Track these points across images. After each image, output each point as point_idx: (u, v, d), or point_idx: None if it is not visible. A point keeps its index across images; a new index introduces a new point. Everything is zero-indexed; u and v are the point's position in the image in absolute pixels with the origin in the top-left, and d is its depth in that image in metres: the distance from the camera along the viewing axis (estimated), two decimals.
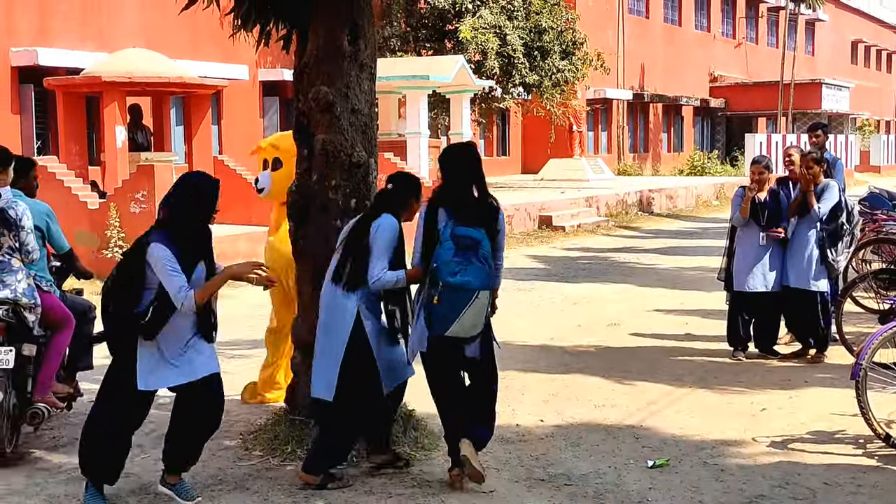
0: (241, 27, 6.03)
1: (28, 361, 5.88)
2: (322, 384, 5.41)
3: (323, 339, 5.48)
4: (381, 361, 5.42)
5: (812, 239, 8.36)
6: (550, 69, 25.17)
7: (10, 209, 5.90)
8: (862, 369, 6.01)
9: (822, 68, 53.16)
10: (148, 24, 19.85)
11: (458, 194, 5.47)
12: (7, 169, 6.16)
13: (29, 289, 5.87)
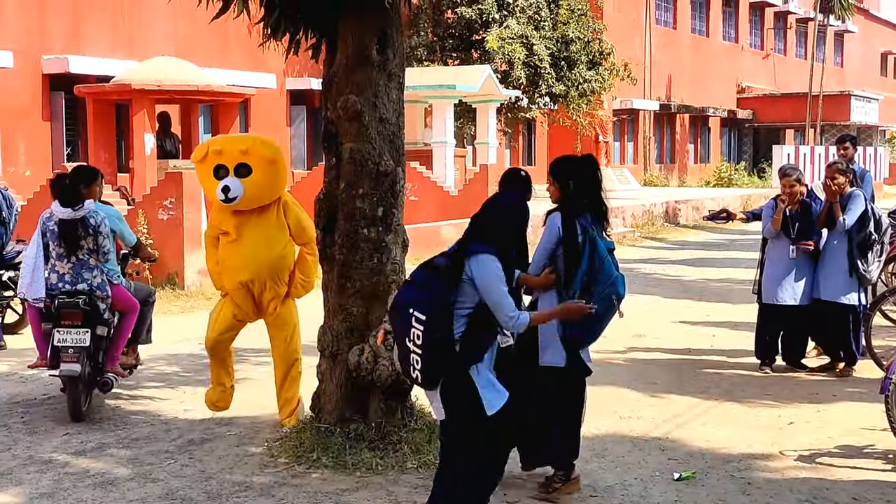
0: (270, 36, 6.07)
1: (100, 340, 7.08)
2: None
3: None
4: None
5: (842, 251, 8.29)
6: (577, 79, 25.15)
7: (91, 217, 7.01)
8: (892, 383, 5.95)
9: (850, 80, 52.81)
10: (177, 33, 20.02)
11: (596, 205, 5.40)
12: (93, 185, 7.40)
13: (102, 283, 7.03)
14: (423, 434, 6.06)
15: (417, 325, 4.28)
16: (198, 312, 11.46)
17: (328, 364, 6.16)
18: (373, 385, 5.92)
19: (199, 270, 12.43)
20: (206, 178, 6.55)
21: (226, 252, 6.60)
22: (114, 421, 6.92)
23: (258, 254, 6.49)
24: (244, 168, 6.42)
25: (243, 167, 6.41)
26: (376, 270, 6.04)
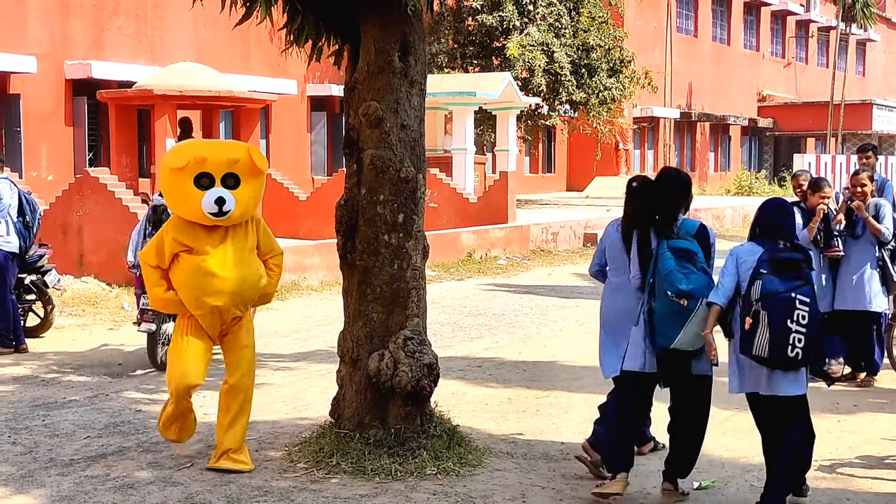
0: (293, 42, 6.10)
1: None
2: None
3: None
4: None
5: (869, 259, 8.23)
6: (597, 87, 25.15)
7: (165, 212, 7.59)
8: None
9: (872, 89, 52.55)
10: (199, 39, 20.14)
11: (666, 215, 5.54)
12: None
13: None
14: (443, 440, 6.06)
15: (802, 307, 4.97)
16: None
17: (348, 370, 6.17)
18: (392, 391, 5.93)
19: None
20: (183, 186, 5.72)
21: (193, 273, 5.75)
22: (134, 425, 6.95)
23: (240, 275, 5.83)
24: (232, 179, 5.76)
25: (231, 178, 5.76)
26: (396, 276, 6.05)
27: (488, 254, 17.25)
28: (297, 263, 13.63)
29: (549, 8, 24.50)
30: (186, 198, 5.71)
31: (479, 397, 7.86)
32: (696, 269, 5.34)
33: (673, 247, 5.39)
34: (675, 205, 5.57)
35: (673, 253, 5.37)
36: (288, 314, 11.90)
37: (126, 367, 8.85)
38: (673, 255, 5.36)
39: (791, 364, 5.08)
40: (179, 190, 5.75)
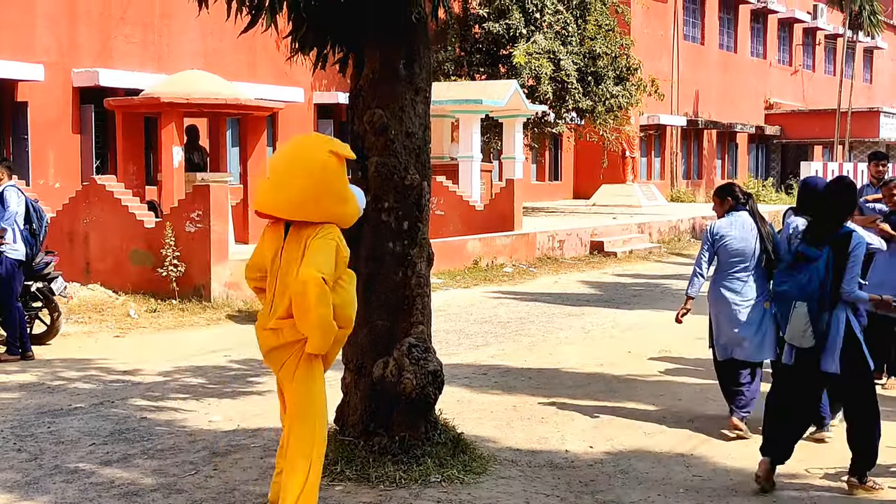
0: (298, 50, 6.12)
1: None
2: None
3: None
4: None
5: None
6: (604, 94, 25.15)
7: None
8: None
9: (880, 96, 52.47)
10: (206, 47, 20.20)
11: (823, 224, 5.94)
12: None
13: None
14: (447, 448, 6.05)
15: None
16: (224, 325, 11.54)
17: (352, 377, 6.17)
18: (397, 398, 5.93)
19: (225, 283, 12.51)
20: (345, 182, 5.03)
21: (353, 286, 5.07)
22: (139, 432, 6.96)
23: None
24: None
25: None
26: (401, 284, 6.05)
27: (494, 261, 17.25)
28: None
29: (555, 16, 24.52)
30: (350, 196, 4.99)
31: (484, 405, 7.86)
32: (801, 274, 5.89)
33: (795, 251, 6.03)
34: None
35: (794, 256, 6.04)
36: None
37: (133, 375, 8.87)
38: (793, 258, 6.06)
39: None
40: (345, 186, 4.98)
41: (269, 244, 4.98)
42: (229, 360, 9.61)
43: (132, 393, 8.15)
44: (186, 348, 10.15)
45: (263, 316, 4.96)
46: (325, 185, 4.81)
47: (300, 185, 4.78)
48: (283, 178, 4.83)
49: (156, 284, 12.58)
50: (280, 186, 4.81)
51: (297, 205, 4.79)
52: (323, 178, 4.82)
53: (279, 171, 4.89)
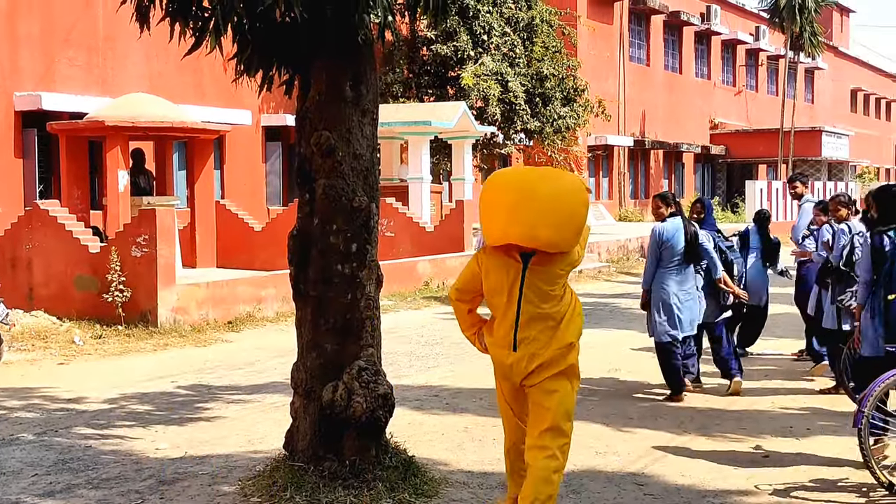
0: (243, 73, 6.07)
1: None
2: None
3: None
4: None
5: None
6: (552, 115, 25.34)
7: None
8: (864, 417, 5.97)
9: (821, 116, 53.48)
10: (151, 70, 20.02)
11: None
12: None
13: None
14: (398, 471, 6.00)
15: None
16: (171, 350, 11.39)
17: (302, 401, 6.10)
18: (347, 422, 5.87)
19: (172, 308, 12.35)
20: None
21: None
22: (84, 461, 6.82)
23: None
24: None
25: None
26: (350, 307, 6.01)
27: (445, 282, 17.24)
28: (252, 294, 13.53)
29: (502, 38, 24.69)
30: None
31: (435, 427, 7.82)
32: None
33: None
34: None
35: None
36: (243, 345, 11.79)
37: (77, 403, 8.70)
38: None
39: None
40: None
41: (495, 271, 5.19)
42: (177, 386, 9.48)
43: (77, 421, 7.99)
44: (133, 375, 9.99)
45: (502, 338, 5.25)
46: (583, 220, 5.18)
47: (577, 223, 5.13)
48: (554, 214, 5.04)
49: (101, 310, 12.38)
50: (547, 221, 5.02)
51: (567, 239, 5.12)
52: (585, 213, 5.19)
53: (544, 207, 5.04)
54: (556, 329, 5.17)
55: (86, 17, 18.93)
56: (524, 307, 5.15)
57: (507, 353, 5.22)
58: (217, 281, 13.54)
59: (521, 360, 5.17)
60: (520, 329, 5.16)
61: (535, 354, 5.14)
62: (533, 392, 5.22)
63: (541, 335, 5.15)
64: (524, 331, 5.15)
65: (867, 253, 6.81)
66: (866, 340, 6.79)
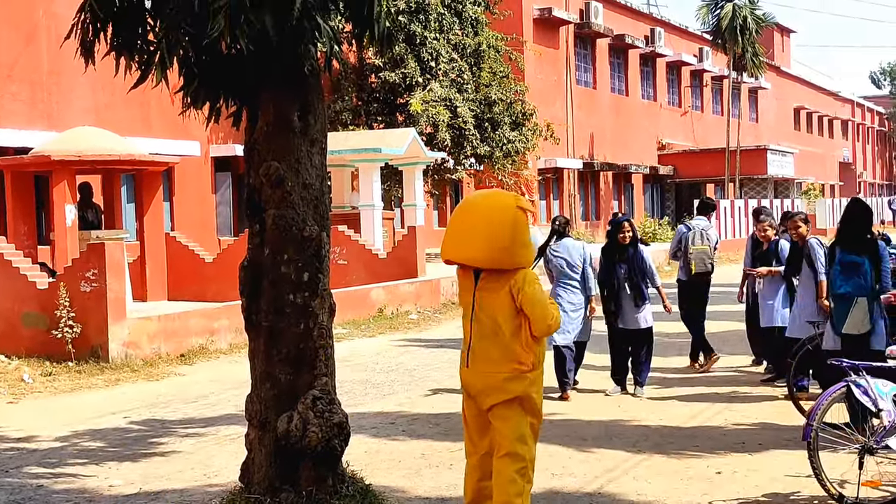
0: (190, 105, 6.06)
1: None
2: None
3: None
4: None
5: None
6: (501, 140, 25.52)
7: None
8: (813, 430, 6.07)
9: (766, 135, 54.39)
10: (97, 103, 19.87)
11: (853, 234, 7.75)
12: None
13: None
14: (356, 500, 5.99)
15: None
16: (123, 385, 11.25)
17: (256, 433, 6.07)
18: (303, 452, 5.85)
19: (123, 342, 12.22)
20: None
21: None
22: (35, 501, 6.71)
23: None
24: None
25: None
26: (303, 336, 6.00)
27: (399, 309, 17.24)
28: (204, 327, 13.42)
29: (450, 64, 24.86)
30: (530, 242, 5.57)
31: (392, 454, 7.81)
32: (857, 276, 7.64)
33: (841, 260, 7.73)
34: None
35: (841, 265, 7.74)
36: (196, 378, 11.69)
37: (28, 442, 8.57)
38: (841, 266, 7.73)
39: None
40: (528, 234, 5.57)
41: (463, 287, 5.55)
42: (129, 421, 9.37)
43: (27, 461, 7.87)
44: (84, 411, 9.86)
45: (462, 353, 5.54)
46: (518, 236, 5.33)
47: (506, 241, 5.29)
48: (481, 233, 5.30)
49: (51, 347, 12.21)
50: (475, 240, 5.30)
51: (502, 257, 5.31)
52: (514, 231, 5.33)
53: (474, 225, 5.33)
54: (508, 348, 5.31)
55: (29, 52, 18.76)
56: (475, 324, 5.39)
57: (463, 369, 5.49)
58: (168, 314, 13.42)
59: (474, 375, 5.39)
60: (472, 345, 5.40)
61: (485, 373, 5.33)
62: (492, 416, 5.38)
63: (489, 352, 5.33)
64: (476, 347, 5.38)
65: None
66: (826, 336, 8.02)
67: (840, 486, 6.18)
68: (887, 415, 6.08)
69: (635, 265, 9.98)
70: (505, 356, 5.32)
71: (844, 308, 7.67)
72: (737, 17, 40.10)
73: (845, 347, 7.62)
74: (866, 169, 77.01)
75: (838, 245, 7.84)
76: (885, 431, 6.06)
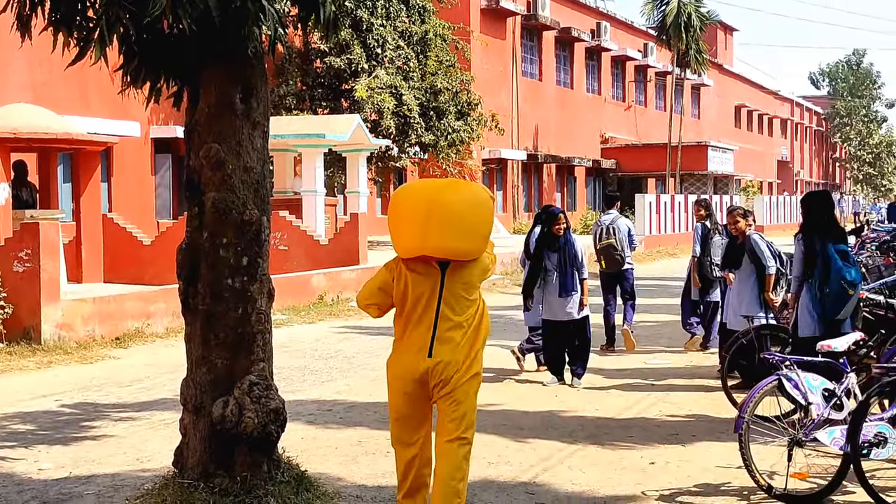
0: (130, 84, 5.96)
1: None
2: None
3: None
4: None
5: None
6: (446, 129, 25.52)
7: None
8: (745, 422, 6.17)
9: (707, 131, 55.11)
10: (35, 79, 19.47)
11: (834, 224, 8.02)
12: None
13: None
14: (291, 486, 5.95)
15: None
16: (56, 368, 11.07)
17: (191, 418, 6.00)
18: (238, 438, 5.80)
19: (57, 324, 12.01)
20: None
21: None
22: None
23: None
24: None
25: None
26: (241, 321, 5.94)
27: (340, 296, 17.17)
28: (141, 310, 13.25)
29: (396, 51, 24.78)
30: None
31: (329, 441, 7.79)
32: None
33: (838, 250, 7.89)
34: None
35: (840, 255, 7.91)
36: (131, 362, 11.54)
37: None
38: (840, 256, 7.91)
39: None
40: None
41: (415, 280, 5.37)
42: (61, 404, 9.22)
43: None
44: (14, 394, 9.68)
45: (414, 344, 5.46)
46: (489, 227, 5.44)
47: (485, 231, 5.40)
48: (469, 226, 5.30)
49: None
50: (464, 234, 5.29)
51: (478, 247, 5.40)
52: (490, 222, 5.45)
53: (460, 218, 5.27)
54: (467, 336, 5.42)
55: None
56: (442, 314, 5.36)
57: (421, 359, 5.39)
58: (104, 296, 13.22)
59: (437, 365, 5.36)
60: (437, 335, 5.37)
61: (450, 362, 5.34)
62: (442, 403, 5.40)
63: (455, 341, 5.39)
64: (441, 336, 5.37)
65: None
66: (805, 324, 7.97)
67: (769, 478, 6.29)
68: (816, 408, 6.21)
69: (566, 254, 10.04)
70: (468, 341, 5.42)
71: (846, 295, 7.77)
72: (681, 14, 40.52)
73: (828, 334, 7.53)
74: (804, 168, 78.50)
75: (821, 236, 7.85)
76: (813, 425, 6.18)
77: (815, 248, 7.86)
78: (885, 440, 5.98)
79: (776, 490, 6.15)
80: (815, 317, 7.85)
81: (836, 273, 7.80)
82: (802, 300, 7.95)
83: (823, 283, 7.81)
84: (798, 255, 8.01)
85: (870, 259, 13.77)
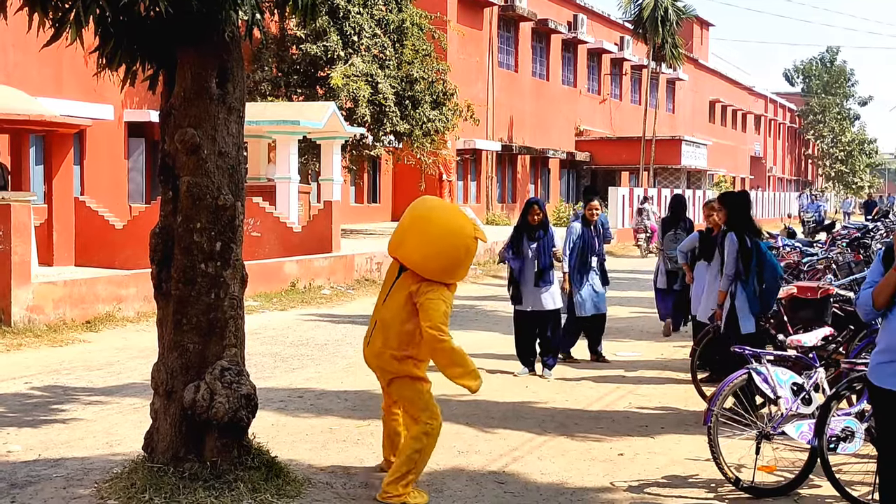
0: (105, 67, 5.92)
1: None
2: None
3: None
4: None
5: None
6: (421, 118, 25.50)
7: None
8: (713, 415, 6.24)
9: (682, 126, 55.38)
10: (7, 60, 19.27)
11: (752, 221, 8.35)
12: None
13: None
14: (261, 472, 5.96)
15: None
16: (25, 351, 10.99)
17: (162, 402, 6.00)
18: (209, 423, 5.80)
19: (27, 307, 11.93)
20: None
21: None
22: None
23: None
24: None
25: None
26: (213, 306, 5.93)
27: (312, 283, 17.15)
28: (112, 294, 13.17)
29: (373, 39, 24.71)
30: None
31: (299, 428, 7.79)
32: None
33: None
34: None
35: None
36: (102, 346, 11.47)
37: None
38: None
39: None
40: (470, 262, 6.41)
41: (388, 278, 6.16)
42: (30, 387, 9.16)
43: None
44: None
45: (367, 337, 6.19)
46: (459, 261, 6.02)
47: (445, 260, 5.94)
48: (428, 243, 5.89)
49: None
50: (417, 247, 5.90)
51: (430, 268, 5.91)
52: (459, 256, 6.02)
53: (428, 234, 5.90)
54: (395, 334, 5.97)
55: None
56: (382, 311, 6.04)
57: (364, 347, 6.19)
58: (75, 279, 13.13)
59: (369, 357, 6.14)
60: (374, 329, 6.08)
61: (375, 355, 6.07)
62: (391, 390, 6.23)
63: (380, 338, 6.02)
64: (375, 331, 6.07)
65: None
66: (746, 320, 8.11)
67: (737, 471, 6.36)
68: (785, 402, 6.28)
69: (544, 245, 10.07)
70: (397, 341, 5.97)
71: (777, 289, 8.34)
72: (658, 8, 40.66)
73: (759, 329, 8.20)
74: (776, 164, 79.05)
75: (750, 234, 8.20)
76: (782, 418, 6.25)
77: (748, 246, 8.12)
78: (853, 435, 6.06)
79: (744, 483, 6.22)
80: (755, 312, 8.13)
81: (772, 269, 8.16)
82: (738, 297, 8.12)
83: (760, 279, 8.12)
84: (732, 253, 8.16)
85: (840, 256, 13.91)
